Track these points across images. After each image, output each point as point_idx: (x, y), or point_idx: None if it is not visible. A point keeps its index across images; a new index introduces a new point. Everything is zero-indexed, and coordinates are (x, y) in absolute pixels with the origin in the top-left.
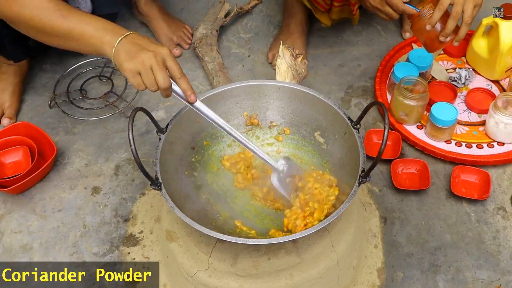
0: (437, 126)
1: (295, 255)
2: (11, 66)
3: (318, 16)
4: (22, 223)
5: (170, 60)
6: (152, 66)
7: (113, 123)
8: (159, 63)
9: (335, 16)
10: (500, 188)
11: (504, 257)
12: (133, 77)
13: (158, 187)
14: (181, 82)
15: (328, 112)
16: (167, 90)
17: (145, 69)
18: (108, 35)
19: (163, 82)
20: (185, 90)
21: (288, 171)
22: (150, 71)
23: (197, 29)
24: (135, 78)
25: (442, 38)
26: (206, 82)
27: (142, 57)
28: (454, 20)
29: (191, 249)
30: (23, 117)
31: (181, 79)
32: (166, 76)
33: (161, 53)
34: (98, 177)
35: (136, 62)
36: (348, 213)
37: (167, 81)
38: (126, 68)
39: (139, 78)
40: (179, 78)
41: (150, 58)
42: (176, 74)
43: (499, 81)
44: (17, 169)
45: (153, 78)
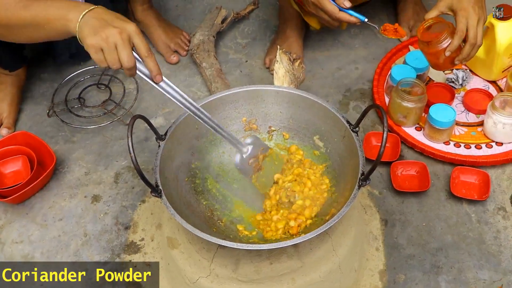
0: (436, 128)
1: (296, 259)
2: (8, 76)
3: (307, 19)
4: (23, 232)
5: (136, 38)
6: (116, 43)
7: (112, 130)
8: (124, 41)
9: None
10: (500, 188)
11: (506, 257)
12: (95, 53)
13: (158, 194)
14: (148, 61)
15: (326, 115)
16: (131, 70)
17: (108, 46)
18: (71, 12)
19: (126, 61)
20: (152, 70)
21: (252, 152)
22: (114, 49)
23: (194, 36)
24: (97, 55)
25: (457, 62)
26: (204, 88)
27: (106, 33)
28: (471, 46)
29: (193, 255)
30: (21, 126)
31: (148, 58)
32: (130, 55)
33: (127, 30)
34: (98, 185)
35: (99, 38)
36: (349, 217)
37: (131, 60)
38: (89, 43)
39: (101, 55)
40: (146, 56)
41: (114, 34)
42: (143, 52)
43: (496, 82)
44: (16, 178)
45: (116, 56)
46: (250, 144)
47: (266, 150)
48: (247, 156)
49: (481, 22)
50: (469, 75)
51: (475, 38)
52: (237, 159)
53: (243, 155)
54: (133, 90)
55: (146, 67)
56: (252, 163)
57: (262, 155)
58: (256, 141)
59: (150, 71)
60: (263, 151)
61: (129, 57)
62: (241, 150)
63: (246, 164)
